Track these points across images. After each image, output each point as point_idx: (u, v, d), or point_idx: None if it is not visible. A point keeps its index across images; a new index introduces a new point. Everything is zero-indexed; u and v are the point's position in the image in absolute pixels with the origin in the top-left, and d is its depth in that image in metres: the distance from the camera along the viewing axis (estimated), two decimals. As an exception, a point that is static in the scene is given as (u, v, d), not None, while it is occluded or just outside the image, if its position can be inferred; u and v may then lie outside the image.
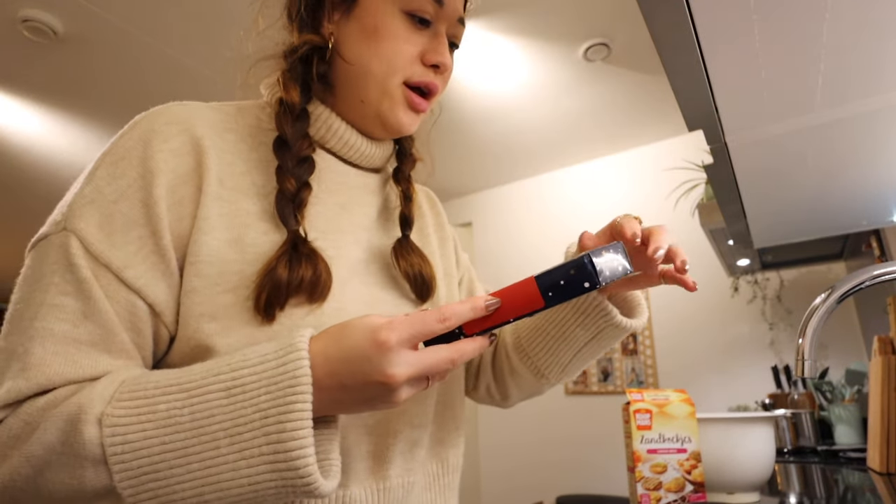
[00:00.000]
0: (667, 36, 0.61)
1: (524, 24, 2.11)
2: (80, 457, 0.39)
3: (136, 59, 2.26)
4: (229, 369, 0.40)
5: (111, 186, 0.45)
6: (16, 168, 3.13)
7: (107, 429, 0.38)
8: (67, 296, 0.43)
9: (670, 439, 0.92)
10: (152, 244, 0.45)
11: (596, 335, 0.58)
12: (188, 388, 0.40)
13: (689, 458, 0.92)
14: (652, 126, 2.87)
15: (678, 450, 0.92)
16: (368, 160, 0.61)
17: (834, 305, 0.76)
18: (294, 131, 0.53)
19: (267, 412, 0.39)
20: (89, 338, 0.43)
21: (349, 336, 0.40)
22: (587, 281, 0.39)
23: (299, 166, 0.52)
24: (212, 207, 0.47)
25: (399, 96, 0.56)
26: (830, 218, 1.28)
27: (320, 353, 0.41)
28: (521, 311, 0.41)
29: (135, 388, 0.40)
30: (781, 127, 0.83)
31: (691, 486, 0.90)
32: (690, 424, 0.90)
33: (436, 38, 0.57)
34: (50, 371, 0.41)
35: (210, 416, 0.39)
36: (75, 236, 0.44)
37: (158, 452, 0.39)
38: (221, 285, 0.46)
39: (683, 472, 0.93)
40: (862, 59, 0.67)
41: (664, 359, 2.75)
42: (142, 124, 0.49)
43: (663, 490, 0.94)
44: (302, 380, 0.39)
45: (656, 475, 0.93)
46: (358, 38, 0.55)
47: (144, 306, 0.45)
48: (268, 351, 0.41)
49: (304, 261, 0.48)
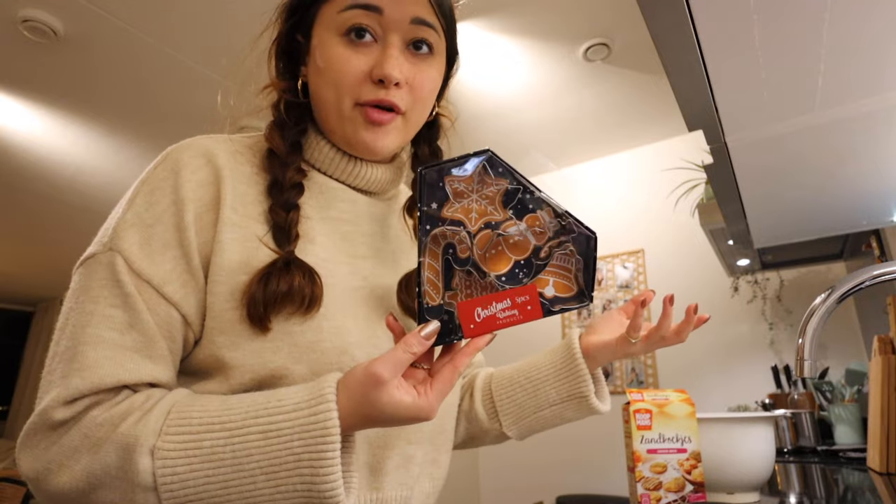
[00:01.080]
0: (667, 36, 0.61)
1: (524, 24, 2.11)
2: (133, 483, 0.44)
3: (136, 59, 2.26)
4: (266, 413, 0.45)
5: (149, 212, 0.52)
6: (16, 168, 3.13)
7: (158, 461, 0.44)
8: (116, 308, 0.48)
9: (670, 439, 0.93)
10: (185, 264, 0.51)
11: (563, 400, 0.68)
12: (230, 428, 0.45)
13: (689, 458, 0.92)
14: (652, 126, 2.87)
15: (678, 450, 0.92)
16: (370, 184, 0.63)
17: (834, 305, 0.76)
18: (282, 171, 0.57)
19: (300, 456, 0.44)
20: (134, 345, 0.48)
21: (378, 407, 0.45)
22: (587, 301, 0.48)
23: (286, 193, 0.56)
24: (226, 233, 0.52)
25: (356, 117, 0.57)
26: (830, 218, 1.28)
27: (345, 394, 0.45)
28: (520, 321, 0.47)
29: (181, 423, 0.45)
30: (781, 127, 0.83)
31: (691, 486, 0.90)
32: (690, 424, 0.90)
33: (383, 52, 0.55)
34: (102, 372, 0.46)
35: (248, 455, 0.44)
36: (121, 255, 0.49)
37: (203, 484, 0.44)
38: (230, 302, 0.51)
39: (683, 472, 0.93)
40: (862, 59, 0.67)
41: (664, 359, 2.75)
42: (172, 156, 0.55)
43: (663, 490, 0.94)
44: (331, 430, 0.44)
45: (656, 475, 0.93)
46: (314, 73, 0.59)
47: (179, 317, 0.51)
48: (300, 399, 0.46)
49: (279, 275, 0.51)
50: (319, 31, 0.58)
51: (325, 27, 0.57)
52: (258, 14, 0.64)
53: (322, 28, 0.57)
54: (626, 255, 2.97)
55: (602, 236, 1.91)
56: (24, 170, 3.15)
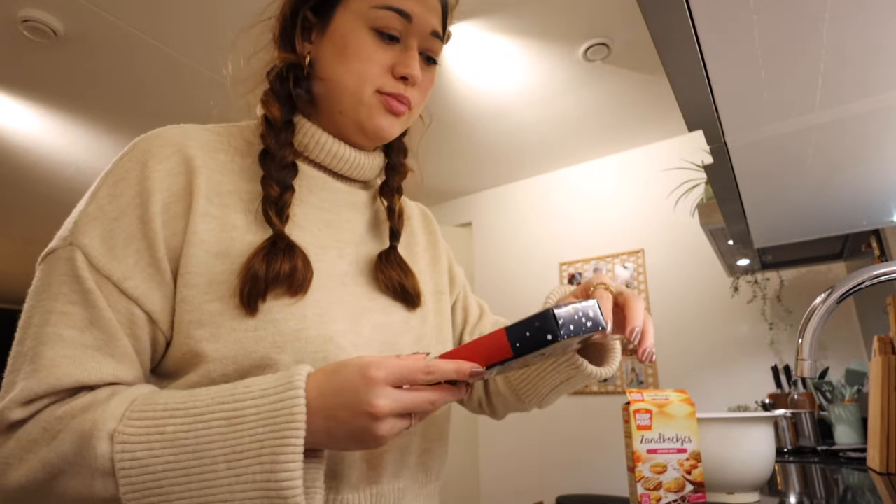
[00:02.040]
0: (667, 36, 0.61)
1: (524, 24, 2.11)
2: (91, 468, 0.42)
3: (136, 59, 2.26)
4: (232, 399, 0.44)
5: (112, 205, 0.50)
6: (16, 168, 3.13)
7: (117, 445, 0.42)
8: (75, 305, 0.47)
9: (670, 439, 0.93)
10: (149, 257, 0.49)
11: (567, 379, 0.63)
12: (194, 413, 0.44)
13: (690, 458, 0.92)
14: (652, 126, 2.87)
15: (678, 450, 0.93)
16: (358, 171, 0.63)
17: (834, 305, 0.76)
18: (276, 142, 0.56)
19: (263, 443, 0.42)
20: (94, 343, 0.47)
21: (342, 372, 0.44)
22: (549, 333, 0.42)
23: (282, 171, 0.56)
24: (200, 223, 0.51)
25: (375, 102, 0.58)
26: (830, 218, 1.28)
27: (315, 387, 0.44)
28: (494, 360, 0.44)
29: (144, 409, 0.44)
30: (781, 127, 0.83)
31: (691, 486, 0.90)
32: (690, 424, 0.90)
33: (405, 52, 0.59)
34: (59, 372, 0.45)
35: (211, 441, 0.43)
36: (80, 251, 0.48)
37: (162, 470, 0.42)
38: (210, 294, 0.50)
39: (683, 472, 0.93)
40: (862, 59, 0.67)
41: (664, 359, 2.75)
42: (139, 146, 0.53)
43: (663, 490, 0.94)
44: (297, 416, 0.42)
45: (656, 475, 0.93)
46: (331, 56, 0.58)
47: (142, 314, 0.49)
48: (268, 385, 0.44)
49: (280, 255, 0.51)
50: (346, 17, 0.57)
51: (355, 16, 0.57)
52: (258, 14, 0.64)
53: (350, 16, 0.57)
54: (626, 255, 2.97)
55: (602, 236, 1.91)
56: (24, 170, 3.15)
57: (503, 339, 0.43)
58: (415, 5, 0.58)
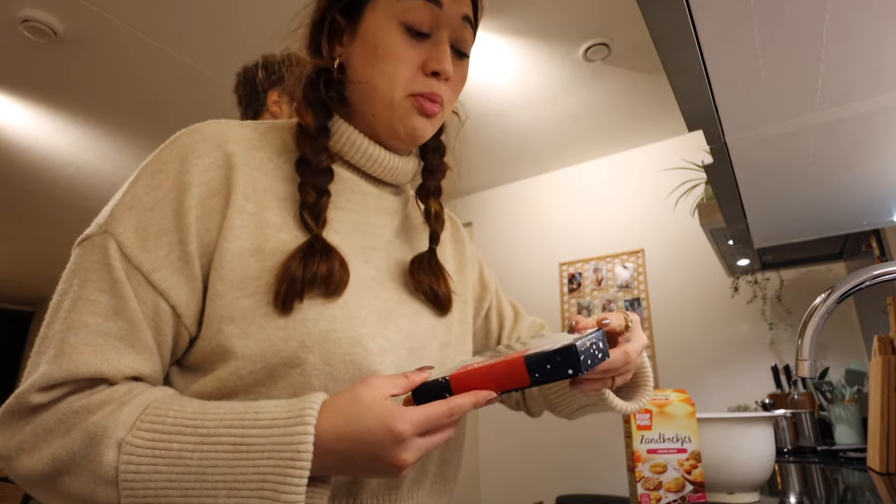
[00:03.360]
0: (667, 36, 0.61)
1: (524, 24, 2.11)
2: (96, 474, 0.43)
3: (136, 59, 2.26)
4: (241, 424, 0.44)
5: (148, 196, 0.50)
6: (16, 168, 3.13)
7: (123, 455, 0.43)
8: (103, 293, 0.47)
9: (670, 439, 0.93)
10: (179, 251, 0.49)
11: (594, 403, 0.63)
12: (201, 434, 0.44)
13: (689, 458, 0.92)
14: (652, 126, 2.87)
15: (678, 450, 0.93)
16: (391, 174, 0.63)
17: (834, 305, 0.76)
18: (312, 150, 0.56)
19: (266, 476, 0.42)
20: (117, 332, 0.47)
21: (362, 420, 0.43)
22: (571, 368, 0.43)
23: (318, 177, 0.56)
24: (236, 219, 0.51)
25: (408, 106, 0.58)
26: (830, 218, 1.28)
27: (331, 430, 0.43)
28: (508, 387, 0.45)
29: (154, 420, 0.44)
30: (781, 127, 0.83)
31: (691, 486, 0.90)
32: (690, 424, 0.89)
33: (436, 47, 0.58)
34: (79, 360, 0.45)
35: (214, 465, 0.42)
36: (114, 239, 0.48)
37: (164, 487, 0.42)
38: (242, 290, 0.50)
39: (683, 472, 0.93)
40: (862, 59, 0.67)
41: (664, 359, 2.75)
42: (180, 139, 0.53)
43: (663, 490, 0.94)
44: (303, 455, 0.42)
45: (656, 475, 0.93)
46: (363, 57, 0.58)
47: (167, 307, 0.49)
48: (278, 415, 0.44)
49: (318, 256, 0.51)
50: (375, 15, 0.57)
51: (383, 14, 0.56)
52: (258, 14, 0.64)
53: (379, 14, 0.57)
54: (626, 255, 2.97)
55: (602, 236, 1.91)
56: (24, 170, 3.15)
57: (521, 368, 0.43)
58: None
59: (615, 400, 0.59)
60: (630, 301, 2.90)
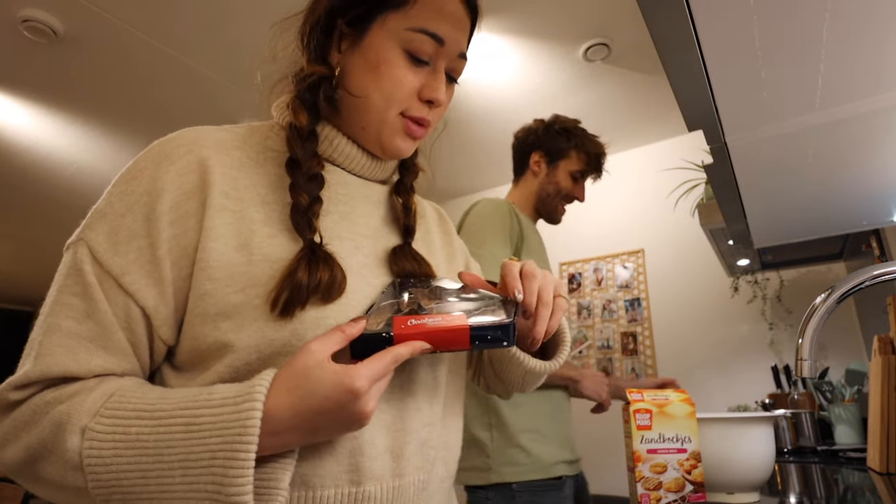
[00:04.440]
0: (667, 36, 0.61)
1: (524, 24, 2.11)
2: (62, 459, 0.45)
3: (136, 59, 2.26)
4: (194, 405, 0.45)
5: (121, 202, 0.52)
6: (16, 168, 3.13)
7: (86, 441, 0.44)
8: (76, 296, 0.49)
9: (670, 439, 0.93)
10: (149, 254, 0.51)
11: (525, 374, 0.67)
12: (158, 417, 0.45)
13: (689, 458, 0.92)
14: (652, 126, 2.87)
15: (678, 450, 0.92)
16: (372, 173, 0.66)
17: (834, 305, 0.76)
18: (304, 152, 0.57)
19: (215, 454, 0.43)
20: (89, 334, 0.49)
21: (319, 391, 0.45)
22: (506, 341, 0.50)
23: (310, 182, 0.56)
24: (216, 218, 0.52)
25: (398, 126, 0.60)
26: (830, 218, 1.28)
27: (289, 408, 0.45)
28: (449, 348, 0.51)
29: (117, 407, 0.46)
30: (781, 127, 0.83)
31: (691, 486, 0.90)
32: (690, 424, 0.89)
33: (433, 75, 0.60)
34: (51, 360, 0.47)
35: (170, 447, 0.44)
36: (87, 245, 0.51)
37: (124, 469, 0.44)
38: (231, 286, 0.51)
39: (683, 472, 0.93)
40: (862, 59, 0.67)
41: (664, 359, 2.75)
42: (155, 147, 0.55)
43: (663, 490, 0.94)
44: (250, 430, 0.43)
45: (656, 475, 0.93)
46: (362, 70, 0.59)
47: (137, 309, 0.50)
48: (228, 395, 0.45)
49: (321, 264, 0.52)
50: (381, 35, 0.58)
51: (390, 36, 0.58)
52: (258, 14, 0.64)
53: (385, 34, 0.58)
54: (626, 255, 2.97)
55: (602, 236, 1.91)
56: (24, 170, 3.15)
57: (466, 335, 0.49)
58: (448, 29, 0.59)
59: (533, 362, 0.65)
60: (630, 301, 2.90)
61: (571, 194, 1.56)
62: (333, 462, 0.51)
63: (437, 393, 0.60)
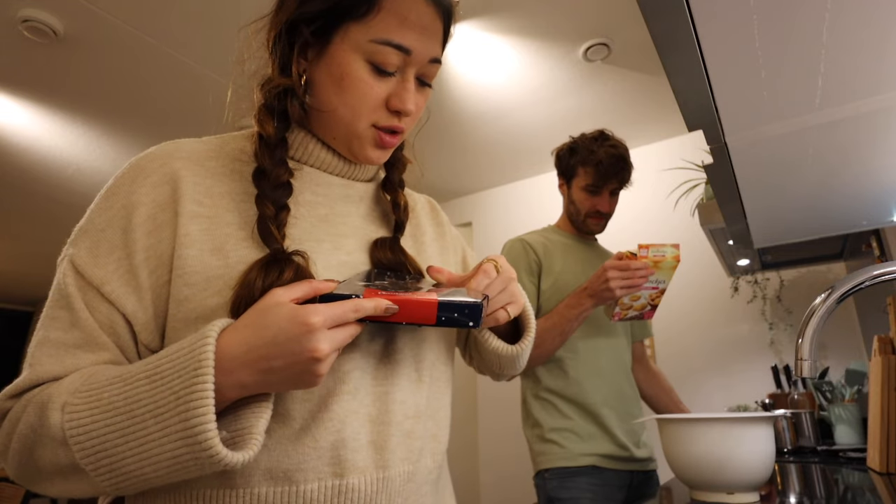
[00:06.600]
0: (667, 36, 0.61)
1: (524, 24, 2.11)
2: (49, 437, 0.47)
3: (136, 60, 2.26)
4: (155, 359, 0.47)
5: (101, 217, 0.55)
6: (16, 168, 3.13)
7: (66, 415, 0.46)
8: (62, 308, 0.53)
9: (652, 282, 1.24)
10: (127, 265, 0.53)
11: (496, 357, 0.68)
12: (125, 379, 0.47)
13: (658, 293, 1.29)
14: (652, 126, 2.87)
15: (653, 287, 1.27)
16: (352, 175, 0.66)
17: (834, 305, 0.76)
18: (271, 160, 0.57)
19: (178, 393, 0.45)
20: (75, 342, 0.52)
21: (273, 324, 0.46)
22: (472, 321, 0.50)
23: (276, 191, 0.57)
24: (190, 225, 0.54)
25: (368, 136, 0.60)
26: (830, 218, 1.28)
27: (242, 343, 0.46)
28: (413, 321, 0.50)
29: (93, 382, 0.48)
30: (781, 127, 0.83)
31: (650, 307, 1.30)
32: (670, 273, 1.23)
33: (402, 85, 0.58)
34: (41, 369, 0.51)
35: (138, 400, 0.46)
36: (69, 260, 0.54)
37: (104, 433, 0.46)
38: (209, 290, 0.52)
39: (650, 301, 1.31)
40: (862, 59, 0.67)
41: (664, 358, 2.75)
42: (133, 163, 0.57)
43: (632, 310, 1.31)
44: (205, 363, 0.44)
45: (632, 302, 1.28)
46: (326, 83, 0.58)
47: (119, 315, 0.53)
48: (185, 342, 0.47)
49: (284, 266, 0.52)
50: (343, 47, 0.57)
51: (353, 47, 0.57)
52: (258, 14, 0.64)
53: (348, 46, 0.57)
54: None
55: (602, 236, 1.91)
56: (24, 170, 3.15)
57: (433, 310, 0.49)
58: (415, 38, 0.57)
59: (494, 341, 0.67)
60: (630, 301, 2.90)
61: (593, 209, 1.56)
62: (316, 456, 0.51)
63: (420, 385, 0.60)
